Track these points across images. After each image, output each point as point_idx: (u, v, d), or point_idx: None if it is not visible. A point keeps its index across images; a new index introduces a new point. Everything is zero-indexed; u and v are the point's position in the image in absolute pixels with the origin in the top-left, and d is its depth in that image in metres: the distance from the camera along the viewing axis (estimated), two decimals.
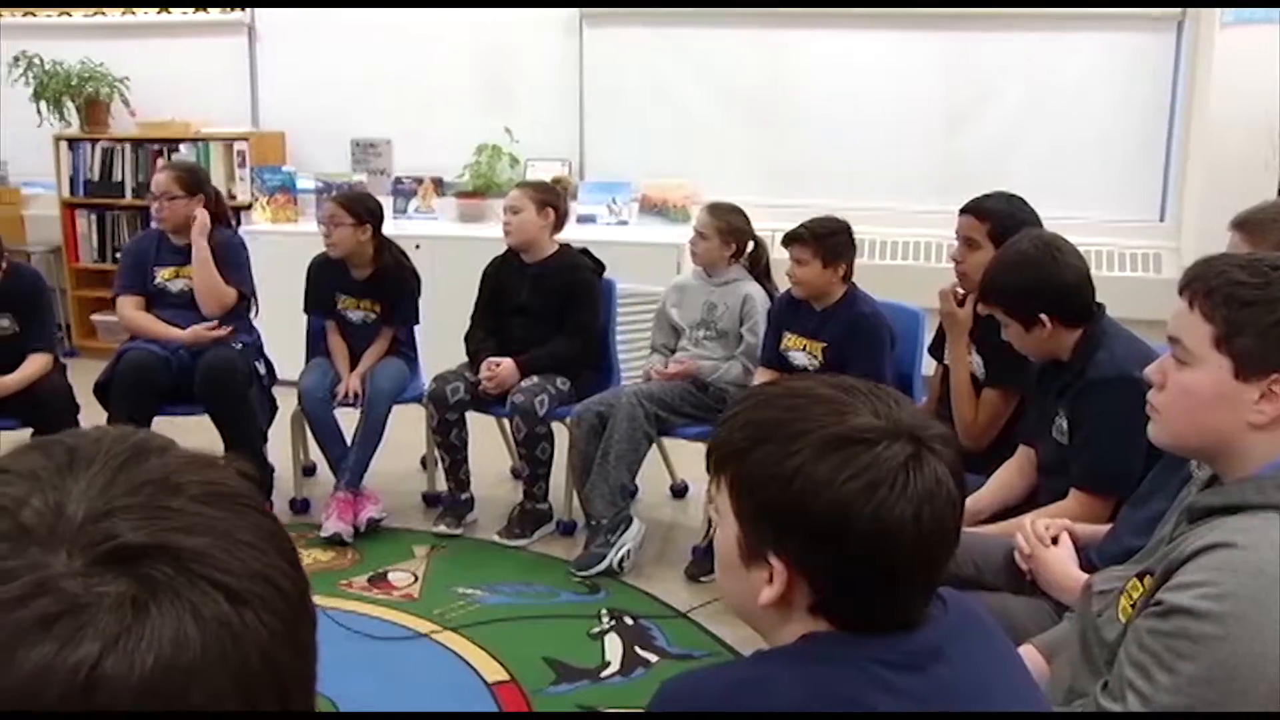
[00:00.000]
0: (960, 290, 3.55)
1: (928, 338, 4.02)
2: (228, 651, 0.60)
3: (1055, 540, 2.47)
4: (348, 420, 4.59)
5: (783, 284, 4.23)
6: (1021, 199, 3.53)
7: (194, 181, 4.66)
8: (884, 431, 1.19)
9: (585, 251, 4.63)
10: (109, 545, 0.60)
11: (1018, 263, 2.91)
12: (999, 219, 3.43)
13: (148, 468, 0.65)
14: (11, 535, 0.60)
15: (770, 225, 4.99)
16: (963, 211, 3.55)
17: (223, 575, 0.61)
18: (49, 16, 7.23)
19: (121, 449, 0.66)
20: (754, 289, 4.34)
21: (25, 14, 7.28)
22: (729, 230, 4.33)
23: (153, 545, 0.60)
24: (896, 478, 1.17)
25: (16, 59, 6.88)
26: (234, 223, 5.10)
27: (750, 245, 4.42)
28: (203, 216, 4.57)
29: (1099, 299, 2.91)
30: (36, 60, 6.90)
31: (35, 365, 4.34)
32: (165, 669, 0.57)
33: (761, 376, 4.13)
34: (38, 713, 0.56)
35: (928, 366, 4.05)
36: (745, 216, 4.38)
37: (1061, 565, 2.41)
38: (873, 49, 5.98)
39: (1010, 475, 3.08)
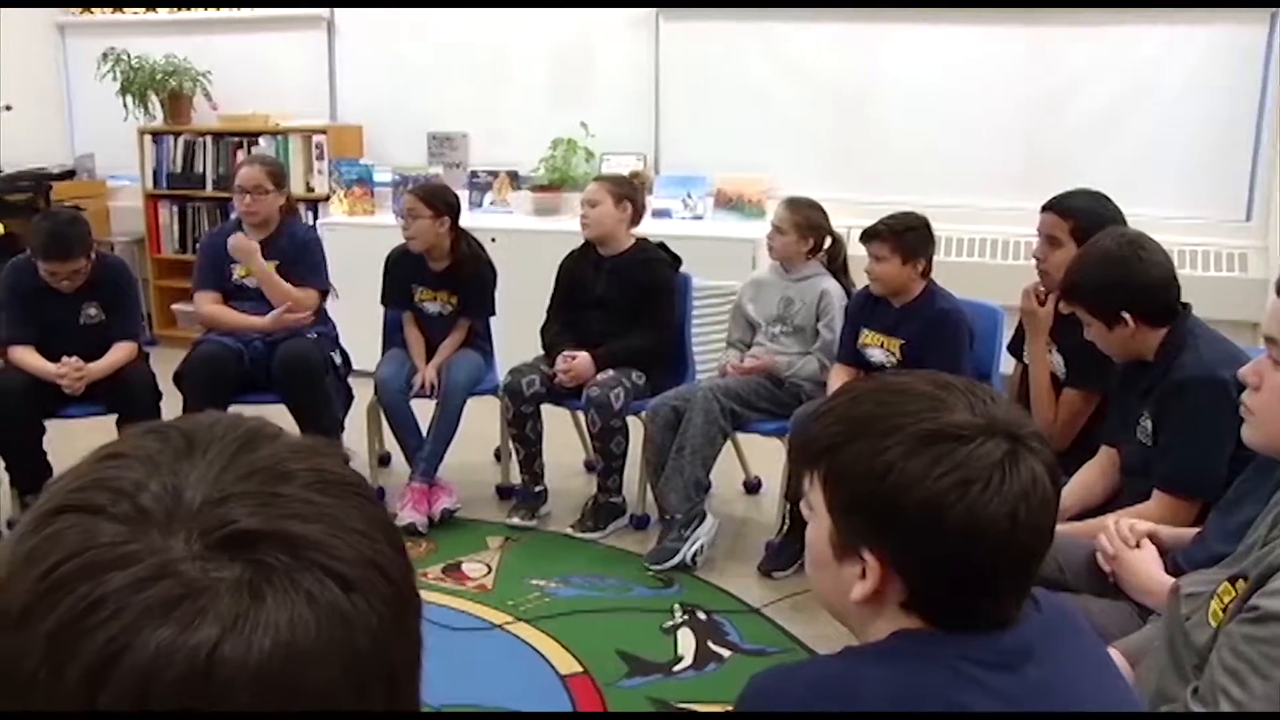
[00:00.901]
0: (1042, 289, 3.51)
1: (1007, 336, 3.98)
2: (340, 637, 0.60)
3: (1139, 544, 2.44)
4: (423, 411, 4.63)
5: (860, 280, 4.21)
6: (1105, 196, 3.48)
7: (281, 175, 4.75)
8: (979, 428, 1.18)
9: (662, 246, 4.62)
10: (226, 530, 0.61)
11: (1101, 261, 2.87)
12: (1082, 217, 3.38)
13: (260, 455, 0.66)
14: (131, 518, 0.61)
15: (847, 221, 4.96)
16: (1045, 209, 3.50)
17: (335, 562, 0.62)
18: (136, 13, 7.36)
19: (235, 436, 0.67)
20: (831, 285, 4.31)
21: (114, 11, 7.42)
22: (807, 225, 4.30)
23: (267, 531, 0.61)
24: (991, 475, 1.16)
25: (105, 55, 7.02)
26: (313, 215, 5.13)
27: (828, 241, 4.39)
28: (243, 243, 4.60)
29: (1184, 298, 2.86)
30: (124, 56, 7.04)
31: (121, 353, 4.42)
32: (281, 654, 0.58)
33: (837, 373, 4.11)
34: (159, 693, 0.56)
35: (1006, 365, 4.01)
36: (823, 212, 4.36)
37: (1146, 568, 2.38)
38: (954, 42, 5.91)
39: (1092, 476, 3.04)
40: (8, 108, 6.60)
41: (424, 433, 4.59)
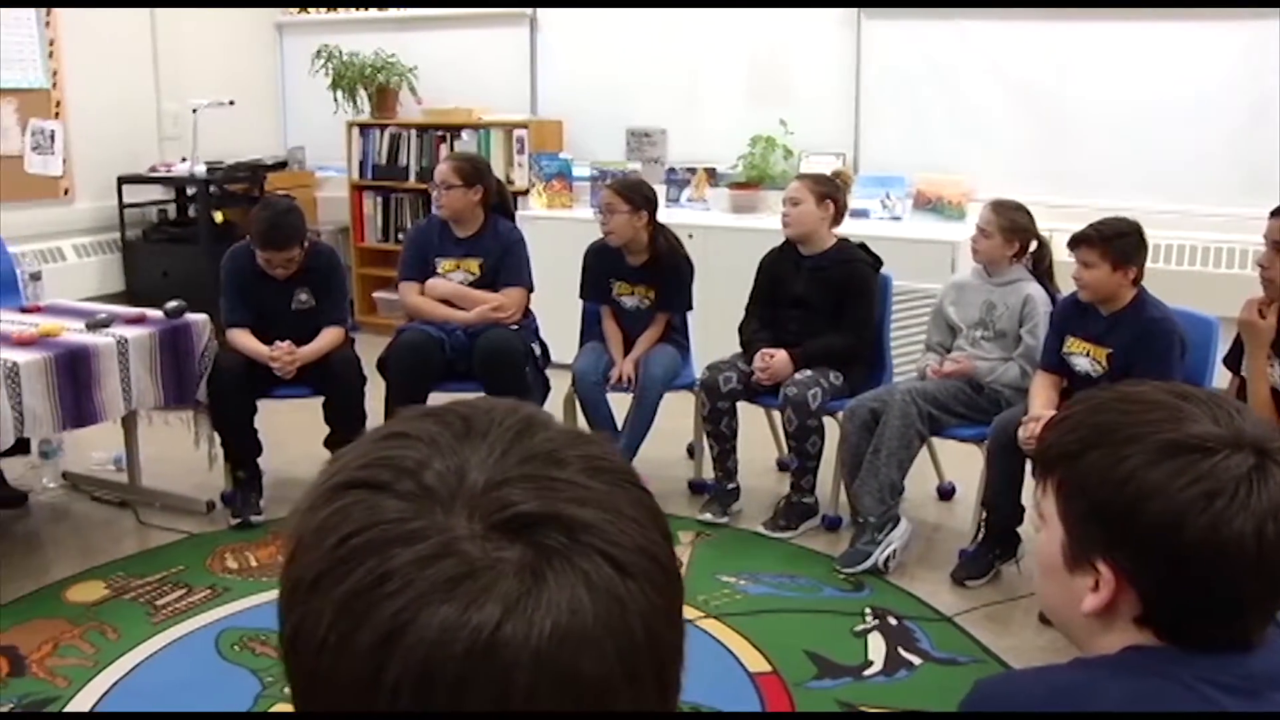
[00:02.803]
0: (1266, 300, 3.36)
1: (1222, 348, 3.82)
2: (616, 622, 0.61)
3: None
4: (619, 405, 4.68)
5: (1065, 285, 4.10)
6: None
7: (472, 172, 4.79)
8: (1225, 440, 1.13)
9: (863, 246, 4.58)
10: (507, 513, 0.62)
11: None
12: None
13: (537, 441, 0.67)
14: (415, 495, 0.63)
15: (1050, 224, 4.82)
16: (1274, 214, 3.35)
17: (611, 547, 0.62)
18: (348, 12, 7.63)
19: (513, 422, 0.68)
20: (1035, 290, 4.21)
21: (328, 11, 7.71)
22: (1012, 228, 4.21)
23: (547, 514, 0.62)
24: (1238, 489, 1.11)
25: (319, 52, 7.30)
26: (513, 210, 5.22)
27: (1033, 244, 4.29)
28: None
29: None
30: (335, 53, 7.30)
31: (329, 337, 4.58)
32: (560, 636, 0.59)
33: (1040, 380, 4.00)
34: (442, 669, 0.58)
35: (1220, 378, 3.86)
36: (1030, 215, 4.25)
37: None
38: (1167, 39, 5.67)
39: None
40: (230, 102, 6.90)
41: (619, 426, 4.64)
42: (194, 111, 6.83)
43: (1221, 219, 5.47)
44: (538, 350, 4.76)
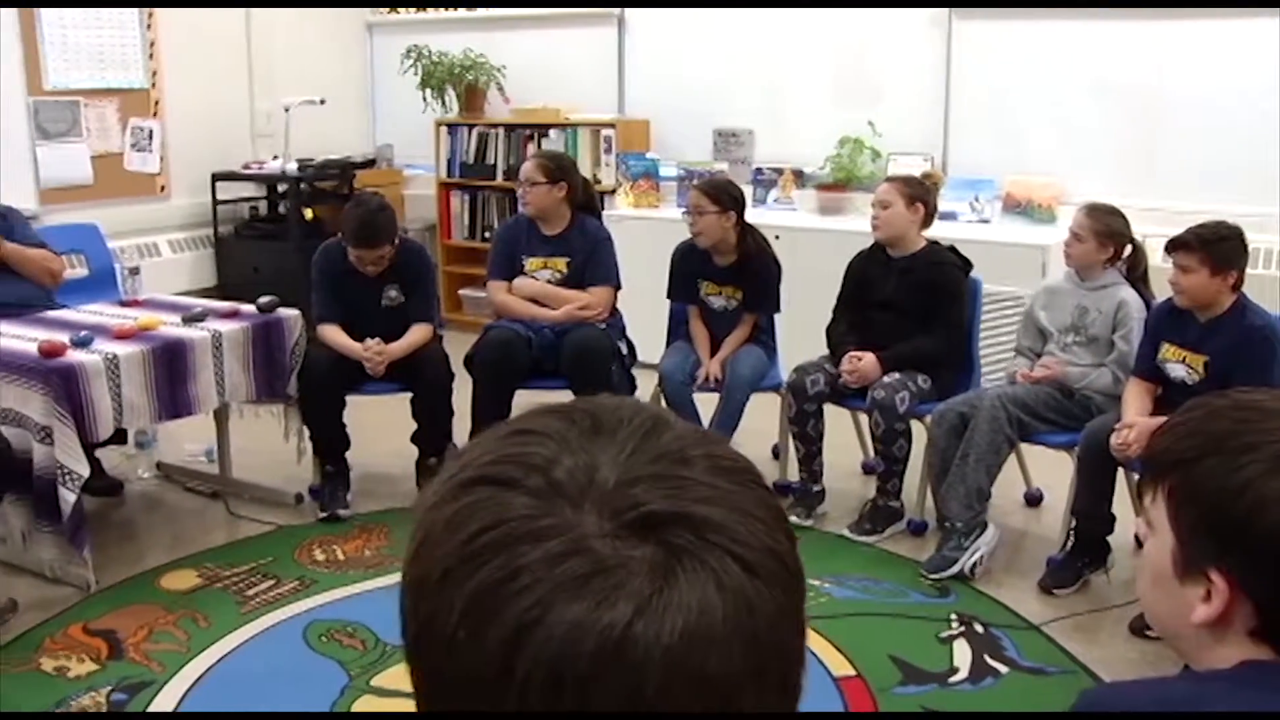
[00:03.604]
0: None
1: None
2: (744, 622, 0.61)
3: None
4: (705, 405, 4.67)
5: (1160, 291, 4.03)
6: None
7: (556, 169, 4.81)
8: None
9: (953, 249, 4.54)
10: (637, 512, 0.62)
11: None
12: None
13: (664, 440, 0.67)
14: (544, 492, 0.63)
15: (1143, 229, 4.73)
16: None
17: (739, 547, 0.62)
18: (438, 12, 7.70)
19: (641, 420, 0.68)
20: (1129, 295, 4.14)
21: (418, 11, 7.79)
22: (1107, 233, 4.14)
23: (676, 514, 0.62)
24: None
25: (408, 51, 7.37)
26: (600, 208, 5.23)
27: (1128, 249, 4.21)
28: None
29: None
30: (425, 52, 7.37)
31: (418, 334, 4.63)
32: (690, 635, 0.59)
33: (1134, 387, 3.94)
34: (572, 667, 0.58)
35: None
36: (1125, 219, 4.18)
37: None
38: (1267, 37, 5.52)
39: None
40: (321, 101, 6.99)
41: (705, 426, 4.63)
42: (286, 110, 6.93)
43: None
44: (624, 349, 4.78)
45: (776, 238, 5.10)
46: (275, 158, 7.09)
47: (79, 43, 6.40)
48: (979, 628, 3.73)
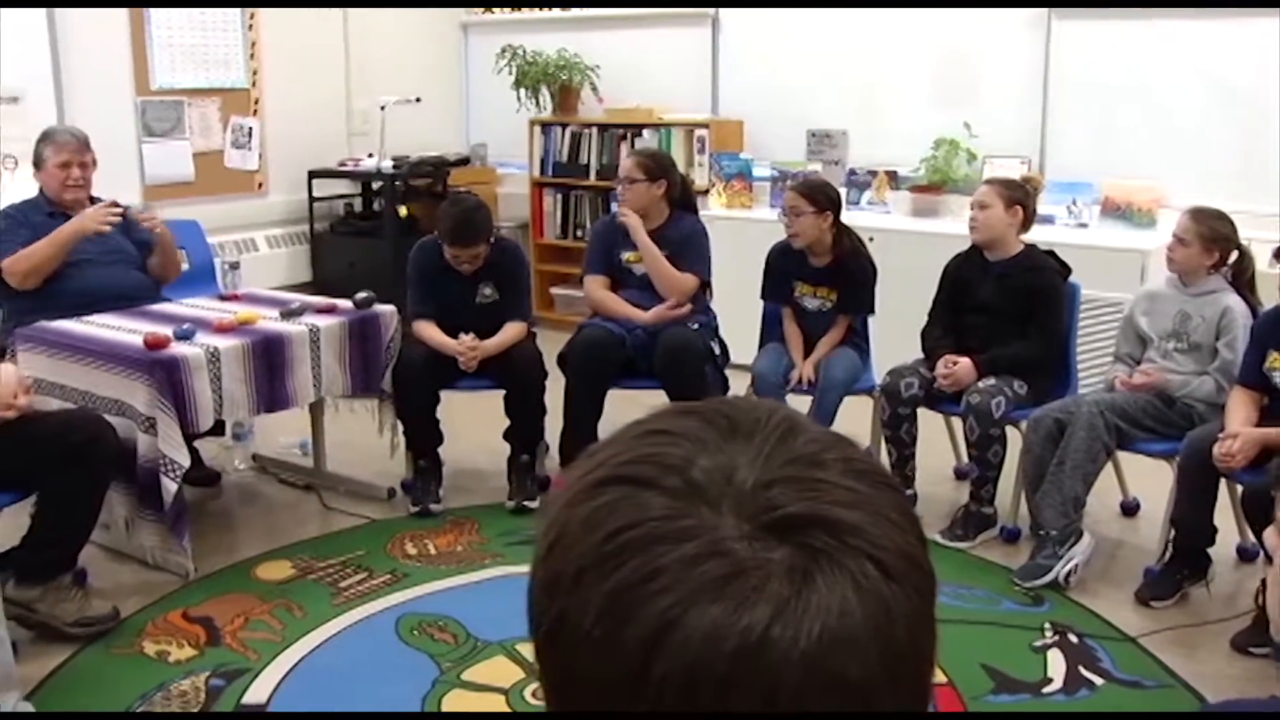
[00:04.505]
0: None
1: None
2: (882, 626, 0.60)
3: None
4: (798, 407, 4.63)
5: (1267, 298, 3.94)
6: None
7: (656, 167, 4.82)
8: None
9: (1051, 253, 4.47)
10: (774, 514, 0.61)
11: None
12: None
13: (799, 443, 0.66)
14: (680, 492, 0.62)
15: (1249, 234, 4.61)
16: None
17: (876, 550, 0.61)
18: (533, 12, 7.75)
19: (778, 422, 0.67)
20: (1235, 301, 4.05)
21: (513, 11, 7.84)
22: (1212, 237, 4.05)
23: (814, 516, 0.61)
24: None
25: (503, 50, 7.43)
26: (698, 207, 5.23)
27: (1234, 254, 4.12)
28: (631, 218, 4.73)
29: None
30: (519, 52, 7.42)
31: (512, 332, 4.66)
32: (829, 639, 0.58)
33: (1239, 396, 3.85)
34: (710, 669, 0.58)
35: None
36: (1232, 224, 4.09)
37: None
38: None
39: None
40: (416, 100, 7.07)
41: None
42: (382, 108, 7.02)
43: None
44: (718, 350, 4.77)
45: (870, 239, 5.06)
46: (370, 155, 7.18)
47: (184, 44, 6.54)
48: (1073, 638, 3.67)
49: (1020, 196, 4.41)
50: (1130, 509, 4.62)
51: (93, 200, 4.65)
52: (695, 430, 0.67)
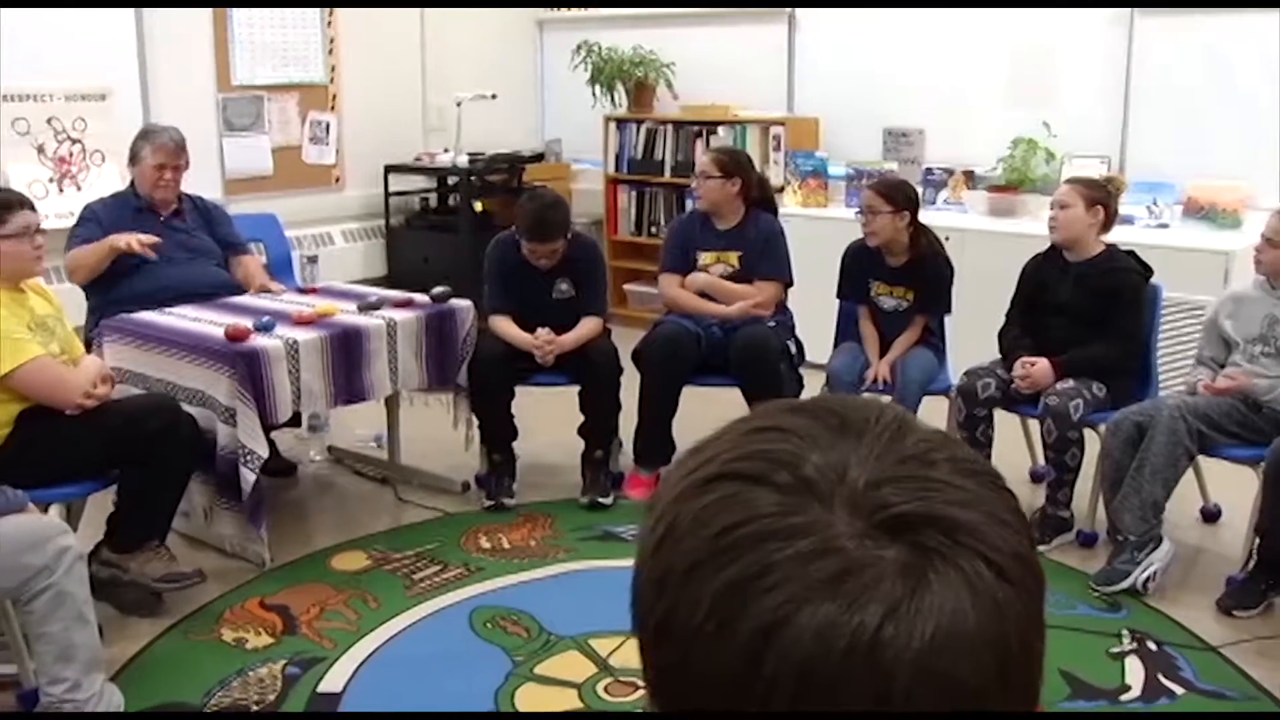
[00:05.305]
0: None
1: None
2: (995, 629, 0.59)
3: None
4: None
5: None
6: None
7: (732, 165, 4.81)
8: None
9: (1132, 254, 4.41)
10: (887, 513, 0.61)
11: None
12: None
13: (910, 442, 0.65)
14: (792, 488, 0.62)
15: None
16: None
17: (989, 551, 0.61)
18: (609, 9, 7.76)
19: (889, 420, 0.67)
20: None
21: (588, 8, 7.86)
22: None
23: (927, 515, 0.61)
24: None
25: (579, 47, 7.45)
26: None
27: None
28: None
29: None
30: (595, 48, 7.44)
31: (588, 327, 4.67)
32: (941, 640, 0.58)
33: None
34: (821, 667, 0.57)
35: None
36: None
37: None
38: None
39: None
40: (492, 96, 7.11)
41: None
42: (458, 104, 7.07)
43: None
44: (793, 348, 4.76)
45: (946, 239, 5.02)
46: (446, 151, 7.23)
47: (264, 40, 6.62)
48: (1152, 645, 3.61)
49: (1102, 196, 4.35)
50: (1211, 515, 4.55)
51: (180, 199, 4.75)
52: (805, 427, 0.66)
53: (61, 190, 5.69)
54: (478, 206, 7.11)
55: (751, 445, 0.66)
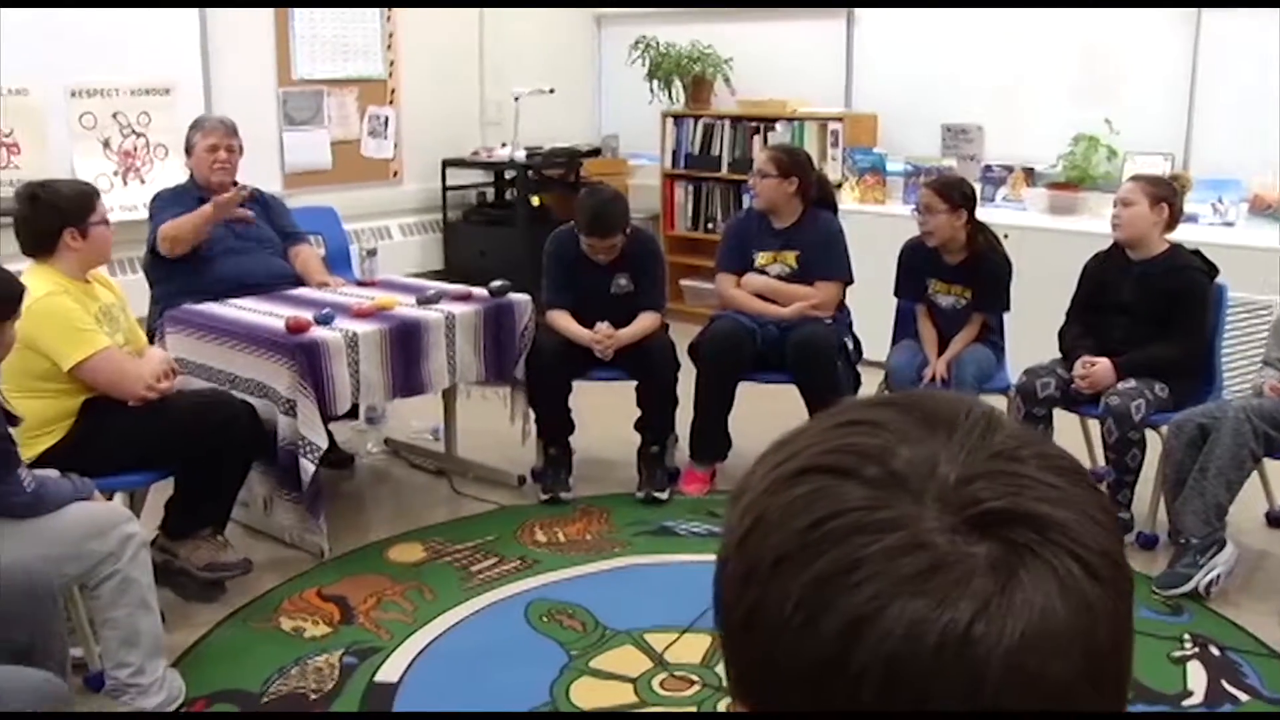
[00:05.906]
0: None
1: None
2: (1085, 627, 0.59)
3: None
4: None
5: None
6: None
7: (789, 164, 4.78)
8: None
9: (1197, 252, 4.35)
10: (978, 508, 0.60)
11: None
12: None
13: (999, 438, 0.65)
14: (881, 482, 0.62)
15: None
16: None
17: (1080, 548, 0.60)
18: (668, 6, 7.75)
19: (978, 416, 0.66)
20: None
21: (647, 7, 7.86)
22: None
23: (1018, 512, 0.60)
24: None
25: (636, 43, 7.46)
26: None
27: None
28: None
29: None
30: (653, 44, 7.44)
31: (646, 322, 4.67)
32: (1032, 638, 0.57)
33: None
34: (910, 663, 0.57)
35: None
36: None
37: None
38: None
39: None
40: (550, 91, 7.12)
41: None
42: (515, 99, 7.09)
43: None
44: (850, 345, 4.73)
45: (1005, 236, 4.97)
46: (504, 145, 7.26)
47: (324, 35, 6.68)
48: (1215, 650, 3.56)
49: (1166, 194, 4.29)
50: (1277, 519, 4.48)
51: (235, 185, 4.78)
52: (894, 421, 0.66)
53: (126, 183, 5.78)
54: (534, 201, 7.13)
55: (840, 439, 0.65)
